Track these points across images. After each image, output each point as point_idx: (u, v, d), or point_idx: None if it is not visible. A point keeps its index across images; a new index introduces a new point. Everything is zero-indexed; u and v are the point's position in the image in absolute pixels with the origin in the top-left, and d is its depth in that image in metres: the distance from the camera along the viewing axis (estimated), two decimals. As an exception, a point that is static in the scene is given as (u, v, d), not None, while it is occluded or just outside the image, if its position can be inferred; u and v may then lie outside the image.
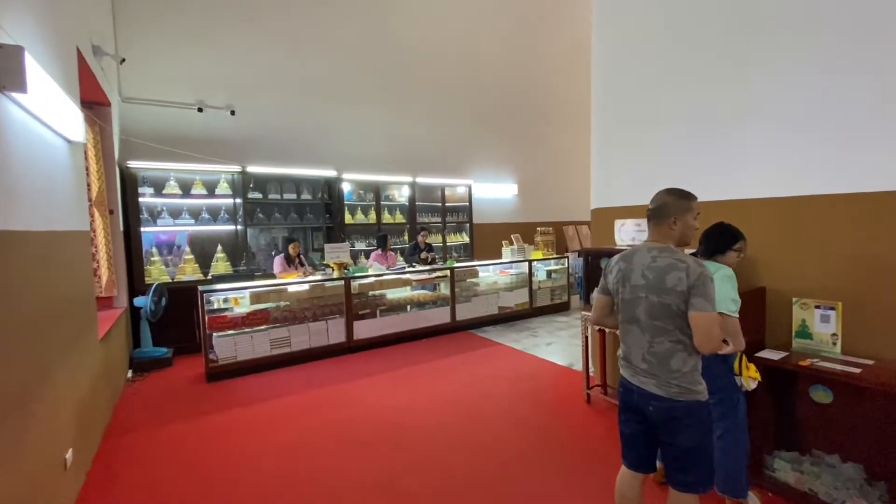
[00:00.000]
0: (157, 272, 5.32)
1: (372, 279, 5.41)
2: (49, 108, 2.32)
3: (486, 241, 8.22)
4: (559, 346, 5.38)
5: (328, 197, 6.50)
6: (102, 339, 3.55)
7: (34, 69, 1.98)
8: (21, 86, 1.84)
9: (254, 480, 2.69)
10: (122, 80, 5.35)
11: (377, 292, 5.50)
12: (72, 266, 2.78)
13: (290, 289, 4.89)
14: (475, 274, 6.30)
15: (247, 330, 4.61)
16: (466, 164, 8.21)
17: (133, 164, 5.10)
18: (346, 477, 2.70)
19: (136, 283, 5.11)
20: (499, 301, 6.51)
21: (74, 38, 3.23)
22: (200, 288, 4.42)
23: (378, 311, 5.44)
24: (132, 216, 5.11)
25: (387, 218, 7.09)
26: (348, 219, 6.68)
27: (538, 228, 7.34)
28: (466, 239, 8.00)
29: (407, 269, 5.83)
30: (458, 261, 7.36)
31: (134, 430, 3.39)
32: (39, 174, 2.26)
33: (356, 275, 5.31)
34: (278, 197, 6.14)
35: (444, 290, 6.11)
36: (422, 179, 7.30)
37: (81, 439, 2.72)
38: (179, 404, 3.88)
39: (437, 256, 6.56)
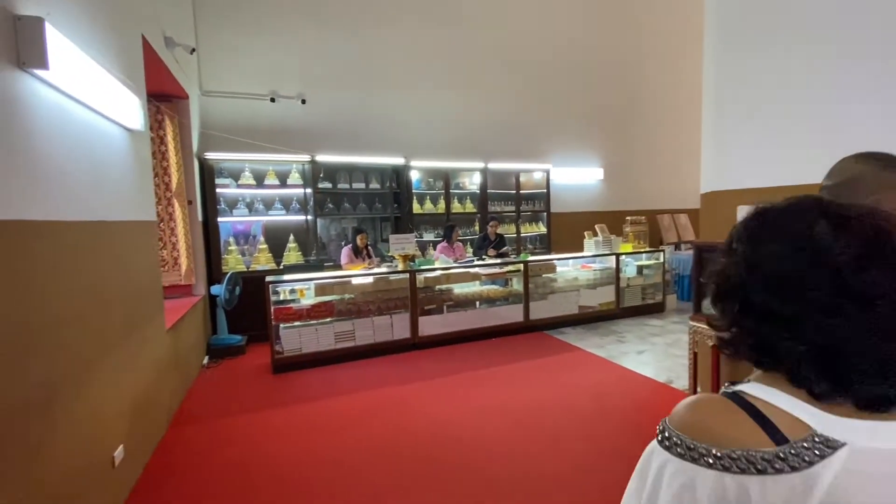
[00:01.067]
0: (233, 261, 5.46)
1: (438, 272, 5.05)
2: (96, 92, 2.21)
3: (565, 231, 7.49)
4: (653, 355, 4.60)
5: (396, 186, 6.26)
6: (173, 327, 3.60)
7: (62, 45, 1.83)
8: (41, 61, 1.68)
9: (294, 490, 2.45)
10: (202, 73, 5.51)
11: (444, 287, 5.14)
12: (128, 257, 2.73)
13: (355, 281, 4.70)
14: (552, 269, 5.67)
15: (312, 322, 4.50)
16: (543, 147, 7.51)
17: (210, 155, 5.23)
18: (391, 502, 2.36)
19: (213, 272, 5.28)
20: (579, 299, 5.82)
21: (141, 27, 3.21)
22: (267, 279, 4.38)
23: (445, 307, 5.09)
24: (210, 206, 5.26)
25: (456, 207, 6.69)
26: (416, 208, 6.39)
27: (628, 218, 6.46)
28: (543, 229, 7.34)
29: (476, 262, 5.39)
30: (533, 253, 6.76)
31: (199, 421, 3.38)
32: (82, 161, 2.16)
33: (421, 267, 4.99)
34: (347, 186, 6.01)
35: (517, 285, 5.58)
36: (494, 165, 6.78)
37: (140, 431, 2.68)
38: (244, 396, 3.85)
39: (509, 249, 6.03)
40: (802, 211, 0.53)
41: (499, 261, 5.50)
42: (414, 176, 6.41)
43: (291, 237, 5.77)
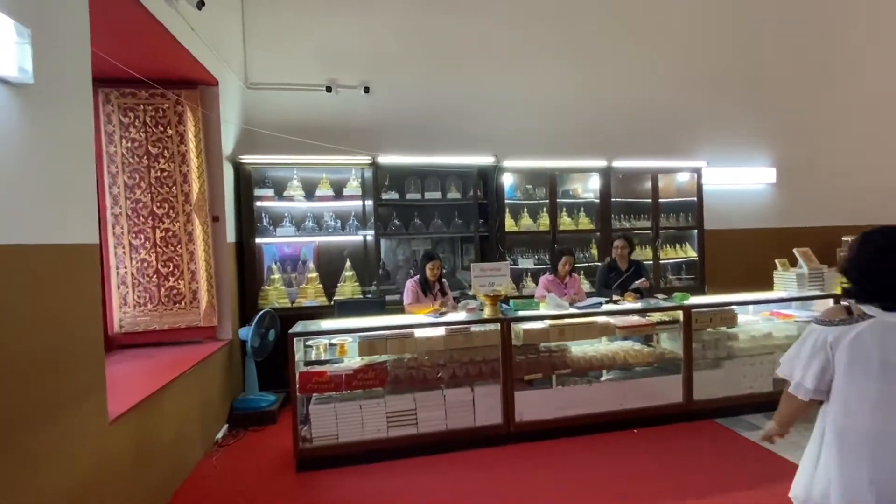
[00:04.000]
0: (275, 294, 4.25)
1: (546, 323, 3.28)
2: None
3: (723, 257, 5.24)
4: None
5: (483, 194, 4.65)
6: (156, 394, 2.33)
7: None
8: None
9: None
10: (249, 61, 4.49)
11: (554, 344, 3.35)
12: (21, 307, 1.45)
13: (420, 333, 3.13)
14: (731, 319, 3.57)
15: (354, 395, 3.02)
16: (691, 139, 5.40)
17: (248, 159, 4.11)
18: None
19: (247, 309, 4.10)
20: (773, 369, 3.61)
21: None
22: (290, 331, 2.98)
23: (555, 377, 3.29)
24: (245, 224, 4.12)
25: (565, 222, 4.87)
26: (509, 224, 4.71)
27: (846, 238, 4.08)
28: (692, 253, 5.17)
29: (606, 306, 3.51)
30: (680, 291, 4.66)
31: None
32: None
33: (519, 314, 3.27)
34: (418, 196, 4.55)
35: (669, 344, 3.59)
36: (621, 163, 4.85)
37: None
38: (239, 520, 2.44)
39: (650, 283, 4.04)
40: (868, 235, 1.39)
41: (639, 305, 3.57)
42: (506, 181, 4.75)
43: (347, 263, 4.43)
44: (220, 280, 3.78)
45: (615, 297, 3.71)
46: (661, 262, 5.00)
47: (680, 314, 3.46)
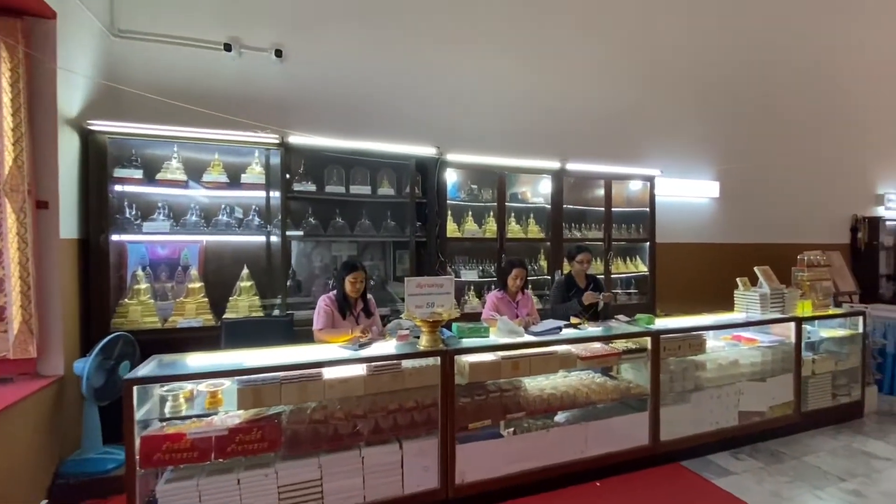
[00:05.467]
0: (139, 311, 3.16)
1: (496, 355, 2.60)
2: None
3: (669, 272, 4.96)
4: None
5: (421, 192, 3.91)
6: None
7: None
8: None
9: None
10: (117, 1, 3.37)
11: (506, 381, 2.68)
12: None
13: (330, 374, 2.29)
14: (700, 346, 3.13)
15: (230, 464, 2.11)
16: (645, 147, 5.11)
17: (103, 125, 3.01)
18: None
19: (94, 333, 2.97)
20: (740, 400, 3.26)
21: None
22: (127, 376, 2.00)
23: (504, 424, 2.61)
24: (94, 214, 3.01)
25: (513, 230, 4.28)
26: (451, 229, 4.02)
27: (804, 256, 3.88)
28: (642, 268, 4.82)
29: (565, 332, 2.91)
30: (632, 308, 4.26)
31: None
32: None
33: (464, 344, 2.56)
34: (341, 190, 3.70)
35: (630, 374, 3.08)
36: (576, 166, 4.36)
37: None
38: None
39: (612, 299, 3.53)
40: None
41: (599, 329, 3.02)
42: (450, 178, 4.06)
43: (245, 271, 3.46)
44: (44, 292, 2.65)
45: (574, 320, 3.13)
46: (612, 276, 4.57)
47: (648, 341, 2.96)
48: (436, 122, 4.15)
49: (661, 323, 3.26)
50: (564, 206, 4.39)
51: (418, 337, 2.52)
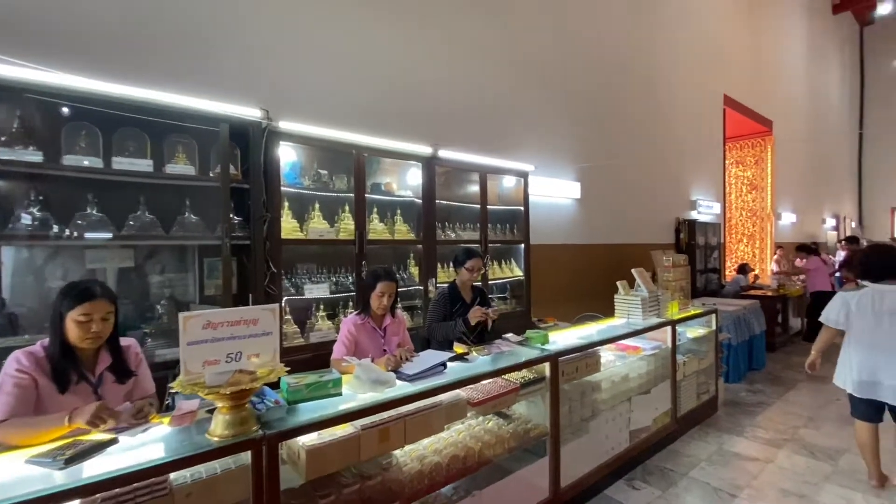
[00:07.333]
0: None
1: (353, 426, 1.65)
2: None
3: (543, 275, 4.67)
4: None
5: (242, 174, 2.70)
6: None
7: None
8: None
9: None
10: None
11: (370, 463, 1.75)
12: None
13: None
14: (596, 365, 2.67)
15: None
16: (520, 140, 4.71)
17: None
18: None
19: None
20: (630, 419, 2.94)
21: None
22: None
23: (372, 526, 1.69)
24: None
25: (376, 229, 3.36)
26: (290, 228, 2.91)
27: (666, 257, 3.83)
28: (518, 272, 4.38)
29: (451, 367, 2.12)
30: (509, 316, 3.74)
31: None
32: None
33: (298, 417, 1.55)
34: (98, 164, 2.28)
35: (526, 410, 2.47)
36: (450, 154, 3.65)
37: None
38: None
39: (495, 311, 2.85)
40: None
41: (490, 358, 2.32)
42: (285, 156, 2.95)
43: None
44: None
45: (458, 347, 2.38)
46: (489, 282, 4.02)
47: (546, 367, 2.37)
48: (264, 70, 2.98)
49: (556, 339, 2.74)
50: (437, 201, 3.65)
51: (218, 417, 1.42)
